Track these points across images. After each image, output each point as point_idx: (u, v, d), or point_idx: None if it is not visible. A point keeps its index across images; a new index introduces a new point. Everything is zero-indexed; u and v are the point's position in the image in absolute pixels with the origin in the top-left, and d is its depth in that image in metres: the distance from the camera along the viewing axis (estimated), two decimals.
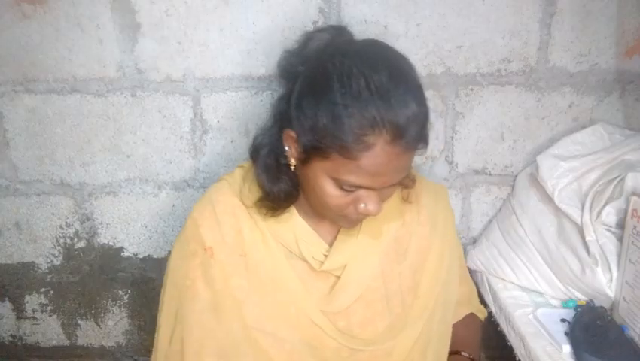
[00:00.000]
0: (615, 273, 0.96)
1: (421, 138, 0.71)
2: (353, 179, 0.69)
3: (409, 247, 0.90)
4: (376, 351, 0.84)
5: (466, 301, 1.02)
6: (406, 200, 0.90)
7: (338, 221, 0.80)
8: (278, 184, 0.79)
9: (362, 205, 0.73)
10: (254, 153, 0.83)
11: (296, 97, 0.73)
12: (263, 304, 0.82)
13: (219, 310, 0.82)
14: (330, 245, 0.85)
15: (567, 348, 0.94)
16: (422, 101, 0.70)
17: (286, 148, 0.77)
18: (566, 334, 0.97)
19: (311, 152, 0.71)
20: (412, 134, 0.68)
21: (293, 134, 0.74)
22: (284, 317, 0.82)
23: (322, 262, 0.83)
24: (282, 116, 0.78)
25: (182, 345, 0.82)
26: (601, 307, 0.98)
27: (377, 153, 0.66)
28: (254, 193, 0.83)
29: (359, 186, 0.71)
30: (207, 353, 0.81)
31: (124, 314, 1.34)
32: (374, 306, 0.85)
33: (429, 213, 0.92)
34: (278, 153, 0.78)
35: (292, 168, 0.78)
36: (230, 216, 0.84)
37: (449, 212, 0.97)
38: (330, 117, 0.67)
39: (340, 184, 0.71)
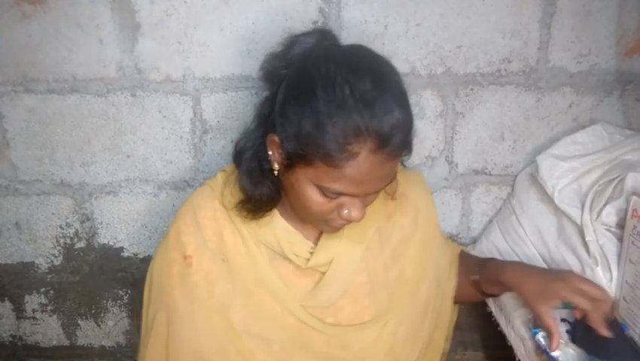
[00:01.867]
0: (615, 273, 0.96)
1: (405, 146, 0.71)
2: (337, 187, 0.69)
3: (392, 237, 0.91)
4: (364, 338, 0.85)
5: (455, 255, 1.05)
6: (390, 196, 0.91)
7: (320, 226, 0.80)
8: (261, 188, 0.79)
9: (345, 212, 0.74)
10: (237, 156, 0.82)
11: (280, 102, 0.73)
12: (248, 307, 0.82)
13: (199, 317, 0.82)
14: (315, 243, 0.86)
15: None
16: (406, 109, 0.70)
17: (270, 153, 0.76)
18: (568, 332, 0.97)
19: (295, 158, 0.70)
20: (396, 142, 0.67)
21: (277, 139, 0.73)
22: (270, 317, 0.83)
23: (308, 260, 0.84)
24: (266, 120, 0.78)
25: (167, 352, 0.83)
26: None
27: (361, 161, 0.66)
28: (235, 196, 0.83)
29: (343, 194, 0.71)
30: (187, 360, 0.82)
31: (124, 314, 1.34)
32: (361, 302, 0.86)
33: (411, 204, 0.94)
34: (261, 157, 0.78)
35: (275, 172, 0.77)
36: (211, 220, 0.84)
37: (429, 197, 0.99)
38: (314, 125, 0.66)
39: (324, 191, 0.71)
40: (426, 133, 1.17)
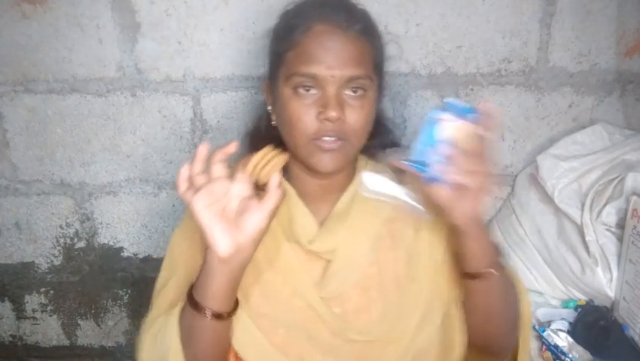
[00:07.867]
0: (615, 273, 0.96)
1: (365, 33, 0.77)
2: (303, 68, 0.75)
3: (405, 231, 0.88)
4: (372, 342, 0.84)
5: None
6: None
7: (311, 154, 0.79)
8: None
9: (321, 110, 0.75)
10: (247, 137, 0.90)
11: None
12: (258, 284, 0.82)
13: None
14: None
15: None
16: (364, 13, 0.81)
17: (269, 108, 0.84)
18: (568, 332, 0.97)
19: (274, 70, 0.80)
20: (348, 21, 0.76)
21: (267, 81, 0.84)
22: (278, 298, 0.82)
23: (311, 242, 0.83)
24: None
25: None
26: (605, 307, 0.98)
27: (316, 34, 0.76)
28: None
29: (310, 77, 0.75)
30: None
31: (124, 314, 1.34)
32: (369, 293, 0.84)
33: None
34: (264, 120, 0.87)
35: (273, 122, 0.83)
36: None
37: None
38: (280, 27, 0.82)
39: (295, 85, 0.76)
40: None
